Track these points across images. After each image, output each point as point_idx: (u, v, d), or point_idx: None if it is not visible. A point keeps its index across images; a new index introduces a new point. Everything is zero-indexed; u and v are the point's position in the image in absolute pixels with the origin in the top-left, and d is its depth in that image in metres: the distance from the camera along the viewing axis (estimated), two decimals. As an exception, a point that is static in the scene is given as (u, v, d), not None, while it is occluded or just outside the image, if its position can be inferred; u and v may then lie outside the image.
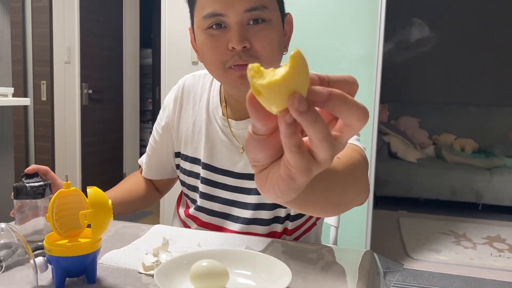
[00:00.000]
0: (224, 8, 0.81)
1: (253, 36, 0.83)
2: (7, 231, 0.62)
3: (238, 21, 0.82)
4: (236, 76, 0.85)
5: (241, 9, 0.81)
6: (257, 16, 0.83)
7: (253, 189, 0.98)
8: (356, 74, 2.30)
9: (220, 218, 1.03)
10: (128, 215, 1.11)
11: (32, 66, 3.38)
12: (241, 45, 0.81)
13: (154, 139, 1.13)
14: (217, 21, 0.83)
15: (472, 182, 4.08)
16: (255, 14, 0.82)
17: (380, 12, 2.27)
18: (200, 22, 0.86)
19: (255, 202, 0.99)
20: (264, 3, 0.83)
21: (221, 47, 0.84)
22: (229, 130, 0.99)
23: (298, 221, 1.02)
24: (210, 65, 0.89)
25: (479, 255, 3.00)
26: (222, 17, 0.82)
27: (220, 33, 0.84)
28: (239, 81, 0.85)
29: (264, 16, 0.83)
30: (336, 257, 0.84)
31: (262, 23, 0.83)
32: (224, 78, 0.88)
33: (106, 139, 4.14)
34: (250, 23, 0.83)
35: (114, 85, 4.29)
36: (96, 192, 0.69)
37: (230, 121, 0.99)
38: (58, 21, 3.44)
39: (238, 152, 0.99)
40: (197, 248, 0.85)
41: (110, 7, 4.09)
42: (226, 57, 0.84)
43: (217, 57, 0.85)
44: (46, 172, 0.93)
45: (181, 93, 1.07)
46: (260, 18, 0.83)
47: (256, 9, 0.82)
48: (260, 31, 0.83)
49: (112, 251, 0.82)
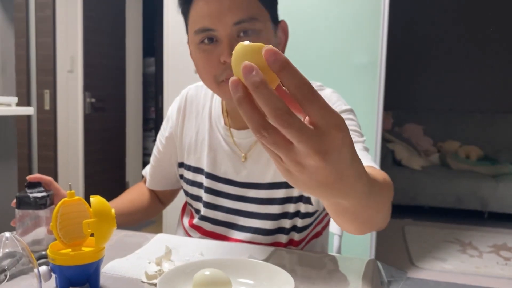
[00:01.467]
0: (213, 23, 0.83)
1: None
2: (11, 240, 0.62)
3: (228, 34, 0.83)
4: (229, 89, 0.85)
5: (230, 23, 0.82)
6: (247, 28, 0.83)
7: (257, 199, 0.98)
8: (360, 81, 2.31)
9: (224, 227, 1.03)
10: (132, 225, 1.11)
11: (36, 75, 3.40)
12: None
13: (158, 150, 1.14)
14: (207, 35, 0.84)
15: (477, 189, 4.06)
16: (244, 27, 0.83)
17: (382, 20, 2.28)
18: (192, 37, 0.87)
19: (259, 212, 0.98)
20: (253, 15, 0.83)
21: (213, 61, 0.85)
22: (231, 140, 1.00)
23: (304, 232, 1.01)
24: (204, 79, 0.90)
25: (485, 264, 2.97)
26: (212, 32, 0.83)
27: (211, 47, 0.85)
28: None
29: (253, 27, 0.84)
30: (339, 266, 0.84)
31: (252, 34, 0.84)
32: (218, 91, 0.90)
33: (109, 148, 4.15)
34: (240, 35, 0.84)
35: (117, 94, 4.30)
36: (99, 201, 0.69)
37: (232, 130, 0.99)
38: (61, 31, 3.46)
39: (240, 161, 0.99)
40: (200, 257, 0.85)
41: (113, 16, 4.11)
42: (218, 71, 0.85)
43: (210, 71, 0.87)
44: (49, 182, 0.93)
45: (184, 104, 1.09)
46: (250, 30, 0.84)
47: (245, 22, 0.83)
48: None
49: (115, 260, 0.82)
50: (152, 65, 5.65)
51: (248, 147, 0.98)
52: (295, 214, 0.98)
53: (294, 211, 0.98)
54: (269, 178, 0.97)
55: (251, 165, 0.98)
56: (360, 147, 0.87)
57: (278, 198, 0.97)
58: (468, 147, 4.59)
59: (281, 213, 0.98)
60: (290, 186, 0.96)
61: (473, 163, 4.37)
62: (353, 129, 0.91)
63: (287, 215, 0.98)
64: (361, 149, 0.87)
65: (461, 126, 4.84)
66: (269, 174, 0.97)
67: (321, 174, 0.41)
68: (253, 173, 0.98)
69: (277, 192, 0.97)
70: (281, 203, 0.97)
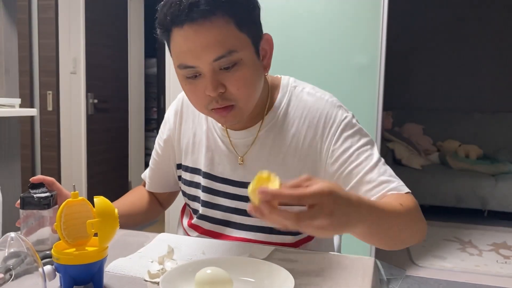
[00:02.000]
0: (193, 61, 0.83)
1: (227, 80, 0.84)
2: (16, 240, 0.64)
3: (209, 70, 0.83)
4: (218, 117, 0.90)
5: (209, 60, 0.82)
6: (227, 64, 0.83)
7: None
8: (360, 82, 2.33)
9: (222, 226, 1.04)
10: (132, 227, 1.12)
11: (39, 76, 3.42)
12: (215, 93, 0.84)
13: (156, 153, 1.16)
14: (191, 73, 0.85)
15: (477, 188, 4.06)
16: (224, 62, 0.83)
17: (382, 20, 2.28)
18: (176, 67, 0.88)
19: None
20: (231, 47, 0.82)
21: (199, 94, 0.87)
22: (228, 140, 1.01)
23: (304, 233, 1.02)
24: (194, 106, 0.93)
25: (485, 262, 2.98)
26: (195, 69, 0.84)
27: (196, 81, 0.86)
28: (222, 120, 0.91)
29: (233, 60, 0.83)
30: (339, 264, 0.85)
31: (233, 66, 0.84)
32: (209, 116, 0.94)
33: (111, 148, 4.16)
34: (222, 68, 0.84)
35: (120, 95, 4.31)
36: (103, 202, 0.70)
37: (229, 131, 1.01)
38: (64, 32, 3.48)
39: (237, 162, 1.00)
40: (202, 256, 0.86)
41: (115, 18, 4.12)
42: (206, 101, 0.87)
43: (198, 102, 0.89)
44: (52, 183, 0.94)
45: (181, 107, 1.10)
46: (230, 64, 0.83)
47: (224, 57, 0.82)
48: (233, 74, 0.84)
49: (118, 259, 0.83)
50: (154, 66, 5.65)
51: (245, 148, 1.00)
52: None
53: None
54: None
55: (248, 166, 0.99)
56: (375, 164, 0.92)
57: None
58: (468, 146, 4.59)
59: None
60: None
61: (473, 162, 4.38)
62: (362, 143, 0.94)
63: None
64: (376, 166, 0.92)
65: (460, 125, 4.84)
66: None
67: (333, 225, 0.60)
68: (251, 173, 0.99)
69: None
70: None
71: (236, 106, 0.87)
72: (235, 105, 0.87)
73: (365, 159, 0.91)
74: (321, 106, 0.97)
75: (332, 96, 1.01)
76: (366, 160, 0.91)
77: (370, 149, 0.94)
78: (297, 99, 0.99)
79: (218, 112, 0.87)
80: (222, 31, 0.81)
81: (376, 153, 0.94)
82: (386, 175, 0.90)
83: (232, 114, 0.88)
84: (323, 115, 0.96)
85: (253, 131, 0.99)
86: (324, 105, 0.97)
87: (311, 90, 1.01)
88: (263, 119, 0.99)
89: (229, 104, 0.86)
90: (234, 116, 0.89)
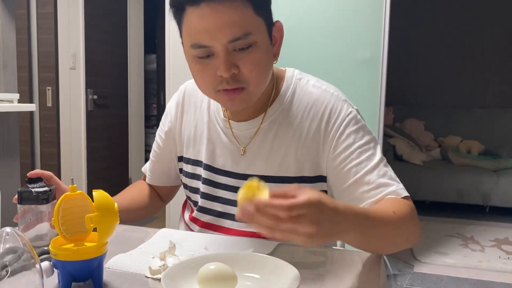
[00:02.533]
0: (209, 40, 0.82)
1: (240, 61, 0.83)
2: (12, 236, 0.62)
3: (224, 50, 0.82)
4: (226, 99, 0.88)
5: (224, 41, 0.82)
6: (242, 45, 0.83)
7: None
8: (361, 77, 2.31)
9: (222, 219, 1.03)
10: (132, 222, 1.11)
11: (38, 72, 3.40)
12: (228, 73, 0.83)
13: (157, 145, 1.14)
14: (204, 52, 0.84)
15: (479, 184, 4.05)
16: (240, 44, 0.82)
17: (384, 15, 2.27)
18: (188, 48, 0.87)
19: None
20: (247, 30, 0.82)
21: (210, 74, 0.85)
22: (231, 132, 1.00)
23: None
24: (201, 88, 0.92)
25: (487, 258, 2.97)
26: (208, 48, 0.83)
27: (208, 61, 0.85)
28: (229, 103, 0.89)
29: (248, 42, 0.83)
30: (345, 259, 0.83)
31: (248, 48, 0.83)
32: (215, 99, 0.93)
33: (111, 145, 4.15)
34: (236, 50, 0.83)
35: (119, 91, 4.30)
36: (102, 196, 0.68)
37: (232, 122, 0.99)
38: (63, 27, 3.46)
39: (239, 153, 0.99)
40: (204, 251, 0.85)
41: (115, 13, 4.11)
42: (215, 82, 0.86)
43: (206, 82, 0.87)
44: (50, 177, 0.93)
45: (183, 99, 1.09)
46: (245, 46, 0.83)
47: (240, 39, 0.82)
48: (247, 55, 0.84)
49: (119, 255, 0.81)
50: (154, 62, 5.64)
51: (247, 140, 0.98)
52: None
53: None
54: (273, 171, 0.96)
55: (251, 158, 0.98)
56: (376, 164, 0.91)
57: None
58: (469, 142, 4.58)
59: None
60: (297, 181, 0.95)
61: (474, 158, 4.37)
62: (366, 141, 0.93)
63: None
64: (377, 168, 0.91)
65: (462, 121, 4.83)
66: (273, 167, 0.96)
67: (319, 234, 0.63)
68: (254, 165, 0.98)
69: (283, 186, 0.96)
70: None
71: (246, 89, 0.86)
72: (245, 88, 0.86)
73: (366, 158, 0.90)
74: (326, 99, 0.96)
75: (337, 90, 0.99)
76: (367, 159, 0.90)
77: (373, 148, 0.92)
78: (301, 91, 0.98)
79: (228, 93, 0.86)
80: (240, 12, 0.81)
81: (378, 152, 0.93)
82: (386, 177, 0.90)
83: (241, 97, 0.87)
84: (328, 108, 0.94)
85: (256, 122, 0.97)
86: (330, 98, 0.96)
87: (316, 83, 0.99)
88: (266, 110, 0.97)
89: (240, 86, 0.85)
90: (243, 99, 0.87)
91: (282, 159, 0.96)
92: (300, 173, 0.96)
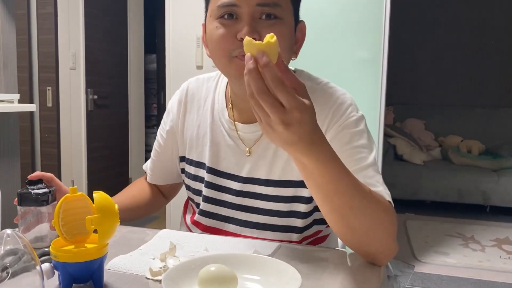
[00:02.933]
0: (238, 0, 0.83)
1: (263, 30, 0.84)
2: (13, 237, 0.62)
3: (250, 13, 0.83)
4: (241, 65, 0.85)
5: (253, 3, 0.83)
6: (269, 12, 0.84)
7: (262, 195, 0.97)
8: (362, 77, 2.30)
9: (225, 223, 1.02)
10: (134, 220, 1.10)
11: (38, 72, 3.39)
12: (250, 37, 0.81)
13: (158, 144, 1.13)
14: (230, 11, 0.85)
15: (479, 184, 4.05)
16: (267, 10, 0.84)
17: (384, 15, 2.27)
18: (213, 11, 0.87)
19: (265, 208, 0.97)
20: (277, 1, 0.84)
21: (230, 36, 0.85)
22: (236, 134, 0.98)
23: (310, 230, 1.00)
24: (217, 53, 0.89)
25: (488, 258, 2.97)
26: (236, 8, 0.84)
27: (231, 23, 0.85)
28: (242, 71, 0.86)
29: (276, 13, 0.85)
30: (346, 260, 0.83)
31: (273, 19, 0.85)
32: (228, 67, 0.88)
33: (111, 144, 4.15)
34: (262, 18, 0.85)
35: (119, 91, 4.30)
36: (102, 197, 0.68)
37: (237, 124, 0.98)
38: (63, 28, 3.45)
39: (244, 155, 0.98)
40: (205, 252, 0.84)
41: (115, 13, 4.10)
42: (233, 46, 0.85)
43: (225, 45, 0.86)
44: (51, 179, 0.92)
45: (185, 97, 1.07)
46: (272, 14, 0.85)
47: (269, 5, 0.84)
48: (271, 26, 0.84)
49: (119, 257, 0.81)
50: (154, 62, 5.64)
51: (253, 142, 0.97)
52: (307, 214, 0.97)
53: (304, 211, 0.96)
54: (277, 175, 0.96)
55: (255, 160, 0.97)
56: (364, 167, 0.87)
57: (286, 196, 0.96)
58: (470, 142, 4.58)
59: (288, 211, 0.96)
60: (300, 186, 0.95)
61: (475, 158, 4.37)
62: (360, 144, 0.89)
63: (296, 214, 0.97)
64: (365, 170, 0.86)
65: (462, 120, 4.83)
66: (276, 171, 0.95)
67: (285, 136, 0.63)
68: (258, 168, 0.97)
69: (286, 191, 0.96)
70: (289, 202, 0.96)
71: None
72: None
73: (357, 159, 0.87)
74: (331, 102, 0.94)
75: (346, 93, 0.97)
76: (357, 160, 0.87)
77: (367, 152, 0.89)
78: (310, 93, 0.97)
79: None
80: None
81: (371, 158, 0.89)
82: (373, 179, 0.86)
83: None
84: (331, 111, 0.93)
85: None
86: (335, 101, 0.94)
87: (325, 85, 0.98)
88: None
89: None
90: None
91: (285, 162, 0.95)
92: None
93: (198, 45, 2.70)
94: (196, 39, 2.71)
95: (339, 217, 0.76)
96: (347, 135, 0.91)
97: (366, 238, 0.78)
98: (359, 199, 0.75)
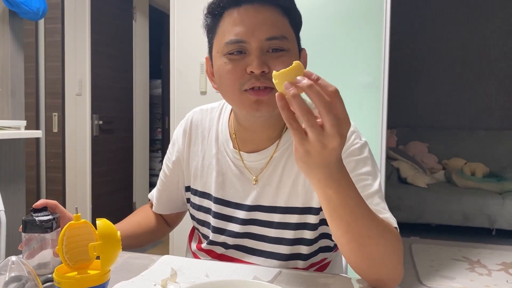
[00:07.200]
0: (247, 35, 0.85)
1: (272, 62, 0.86)
2: (17, 264, 0.64)
3: (259, 47, 0.85)
4: (252, 100, 0.87)
5: (262, 38, 0.85)
6: (277, 46, 0.86)
7: (268, 222, 0.98)
8: (363, 100, 2.33)
9: (235, 250, 1.02)
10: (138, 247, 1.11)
11: (45, 98, 3.45)
12: (260, 70, 0.84)
13: (164, 174, 1.14)
14: (238, 48, 0.86)
15: (484, 206, 4.02)
16: (275, 44, 0.86)
17: (384, 38, 2.30)
18: (221, 48, 0.89)
19: (273, 236, 0.98)
20: (284, 34, 0.87)
21: (239, 70, 0.86)
22: (242, 163, 0.99)
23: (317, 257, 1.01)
24: (227, 88, 0.90)
25: (494, 282, 2.93)
26: (244, 44, 0.86)
27: (240, 57, 0.87)
28: (255, 106, 0.87)
29: (283, 46, 0.87)
30: (346, 286, 0.83)
31: (281, 51, 0.87)
32: (240, 102, 0.89)
33: (116, 169, 4.17)
34: (269, 51, 0.86)
35: (124, 116, 4.34)
36: (105, 224, 0.70)
37: (242, 154, 0.99)
38: (70, 55, 3.52)
39: (251, 183, 0.99)
40: (205, 278, 0.85)
41: (120, 40, 4.18)
42: (243, 80, 0.86)
43: (235, 79, 0.87)
44: (55, 206, 0.93)
45: (190, 128, 1.09)
46: (279, 48, 0.87)
47: (277, 39, 0.86)
48: (279, 57, 0.86)
49: (121, 283, 0.82)
50: (159, 87, 5.71)
51: (259, 170, 0.98)
52: (313, 241, 0.97)
53: (310, 238, 0.97)
54: (283, 202, 0.96)
55: (261, 188, 0.98)
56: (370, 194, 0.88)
57: (292, 223, 0.96)
58: (474, 164, 4.56)
59: (294, 238, 0.97)
60: (305, 212, 0.95)
61: (479, 180, 4.34)
62: (365, 171, 0.91)
63: (302, 241, 0.97)
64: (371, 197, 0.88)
65: (466, 143, 4.82)
66: (282, 198, 0.96)
67: (323, 155, 0.65)
68: (263, 195, 0.97)
69: (291, 217, 0.96)
70: (294, 229, 0.96)
71: (274, 91, 0.86)
72: (274, 89, 0.84)
73: (362, 186, 0.88)
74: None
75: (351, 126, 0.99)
76: (362, 188, 0.88)
77: (372, 179, 0.90)
78: None
79: (256, 93, 0.86)
80: (280, 18, 0.88)
81: (376, 185, 0.90)
82: (379, 206, 0.87)
83: (268, 99, 0.86)
84: None
85: (267, 153, 0.97)
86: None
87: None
88: (279, 139, 0.97)
89: (268, 85, 0.85)
90: (269, 103, 0.86)
91: (290, 189, 0.96)
92: (308, 204, 0.95)
93: (202, 71, 2.74)
94: (200, 65, 2.76)
95: (358, 246, 0.76)
96: (352, 163, 0.91)
97: (380, 266, 0.79)
98: (376, 227, 0.76)
